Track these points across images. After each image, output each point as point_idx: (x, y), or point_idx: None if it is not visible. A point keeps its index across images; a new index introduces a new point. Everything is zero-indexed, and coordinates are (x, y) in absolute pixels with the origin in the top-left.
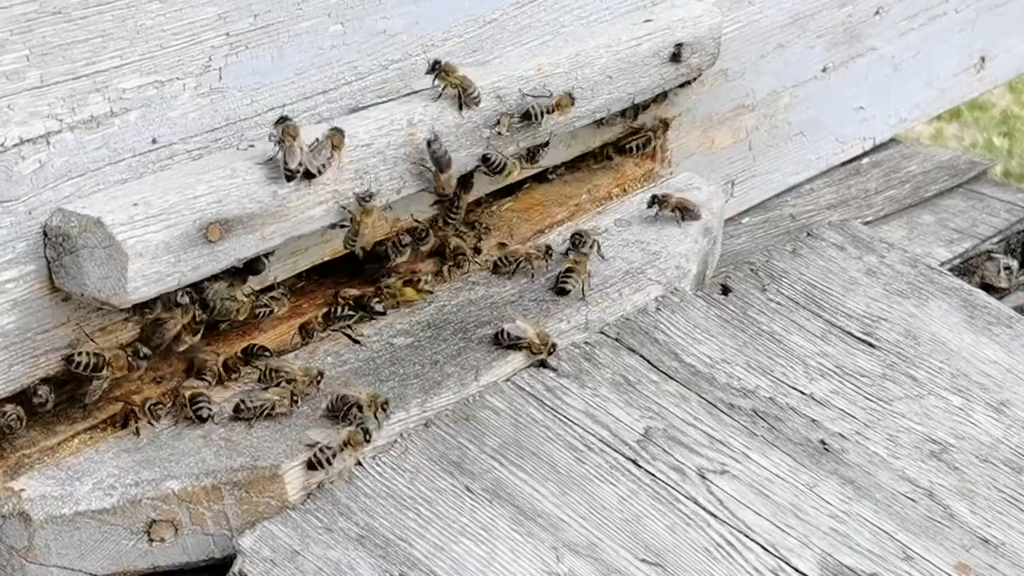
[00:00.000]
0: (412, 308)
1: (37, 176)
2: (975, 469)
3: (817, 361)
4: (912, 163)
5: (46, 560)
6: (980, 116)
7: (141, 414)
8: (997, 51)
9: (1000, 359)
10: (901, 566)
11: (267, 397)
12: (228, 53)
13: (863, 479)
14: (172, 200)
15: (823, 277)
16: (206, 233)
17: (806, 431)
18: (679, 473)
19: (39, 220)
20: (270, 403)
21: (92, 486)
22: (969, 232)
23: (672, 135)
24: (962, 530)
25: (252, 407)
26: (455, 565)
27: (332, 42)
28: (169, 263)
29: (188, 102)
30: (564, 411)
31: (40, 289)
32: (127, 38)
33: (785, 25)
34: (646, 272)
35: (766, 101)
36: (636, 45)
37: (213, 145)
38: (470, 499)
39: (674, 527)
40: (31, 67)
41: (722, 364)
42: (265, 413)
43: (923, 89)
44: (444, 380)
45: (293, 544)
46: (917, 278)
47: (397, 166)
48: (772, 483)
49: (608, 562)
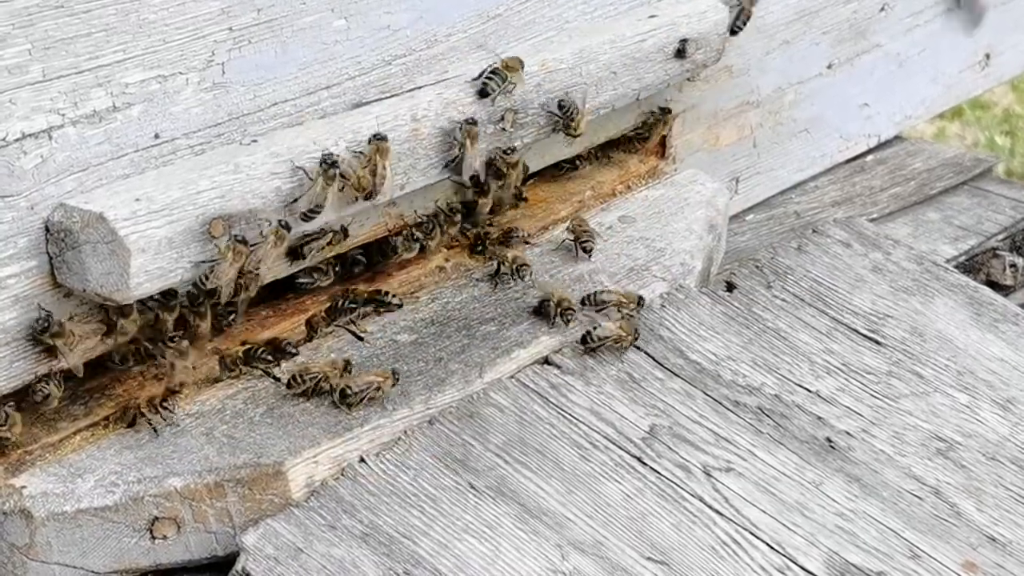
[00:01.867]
0: (416, 305)
1: (39, 171)
2: (982, 467)
3: (823, 358)
4: (917, 160)
5: (48, 558)
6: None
7: (148, 410)
8: (1002, 48)
9: (1007, 356)
10: (908, 564)
11: (318, 370)
12: (231, 48)
13: (869, 477)
14: (175, 195)
15: (829, 274)
16: (209, 228)
17: (812, 429)
18: (684, 471)
19: (41, 215)
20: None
21: (94, 483)
22: (974, 229)
23: (676, 131)
24: (969, 528)
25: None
26: (459, 563)
27: (336, 37)
28: (172, 259)
29: (191, 97)
30: (569, 408)
31: (42, 285)
32: (130, 32)
33: (790, 21)
34: (651, 269)
35: (771, 98)
36: (641, 41)
37: (216, 140)
38: (474, 497)
39: (680, 525)
40: (33, 61)
41: (727, 361)
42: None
43: (928, 86)
44: (448, 377)
45: (296, 542)
46: (923, 275)
47: (401, 161)
48: (778, 481)
49: (613, 560)
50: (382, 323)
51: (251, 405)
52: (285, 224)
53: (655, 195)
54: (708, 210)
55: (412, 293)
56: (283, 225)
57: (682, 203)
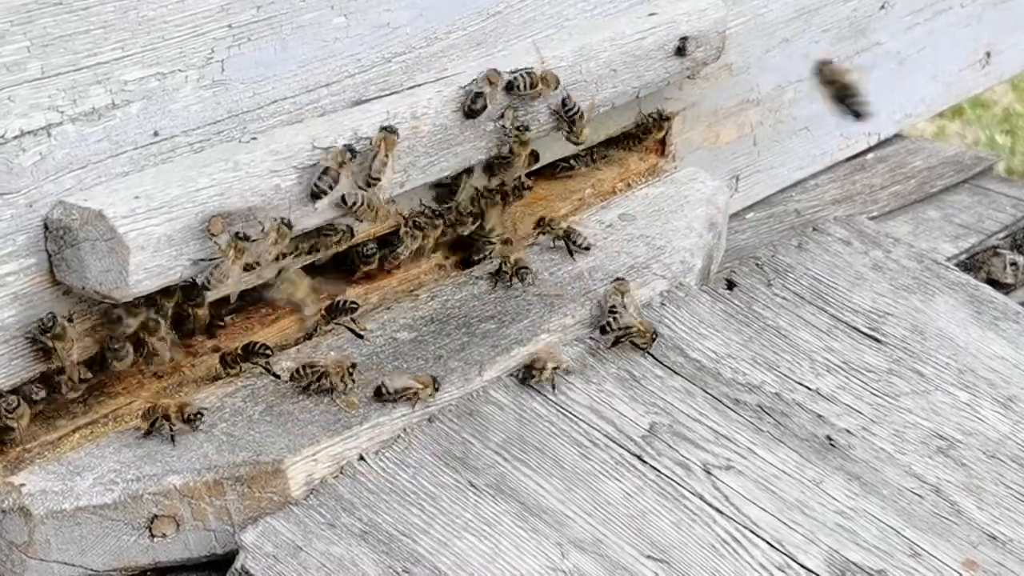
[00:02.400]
0: (416, 303)
1: (38, 168)
2: (982, 465)
3: (823, 356)
4: (917, 159)
5: (46, 556)
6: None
7: (176, 418)
8: (1003, 46)
9: (1007, 354)
10: (908, 563)
11: (323, 365)
12: (231, 45)
13: (870, 475)
14: (174, 193)
15: (829, 272)
16: (208, 226)
17: (812, 427)
18: (684, 469)
19: (40, 213)
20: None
21: (93, 481)
22: (975, 228)
23: (676, 129)
24: (969, 526)
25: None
26: (459, 561)
27: (335, 35)
28: (171, 256)
29: (190, 94)
30: (569, 406)
31: (41, 283)
32: (129, 29)
33: (790, 19)
34: (651, 267)
35: (771, 96)
36: (641, 39)
37: (215, 138)
38: (474, 495)
39: (680, 523)
40: (32, 58)
41: (727, 359)
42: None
43: (928, 84)
44: (448, 375)
45: (296, 540)
46: (923, 273)
47: (401, 159)
48: (778, 479)
49: (613, 558)
50: (382, 321)
51: (250, 403)
52: (287, 222)
53: (655, 193)
54: (708, 208)
55: (412, 291)
56: (284, 223)
57: (682, 201)
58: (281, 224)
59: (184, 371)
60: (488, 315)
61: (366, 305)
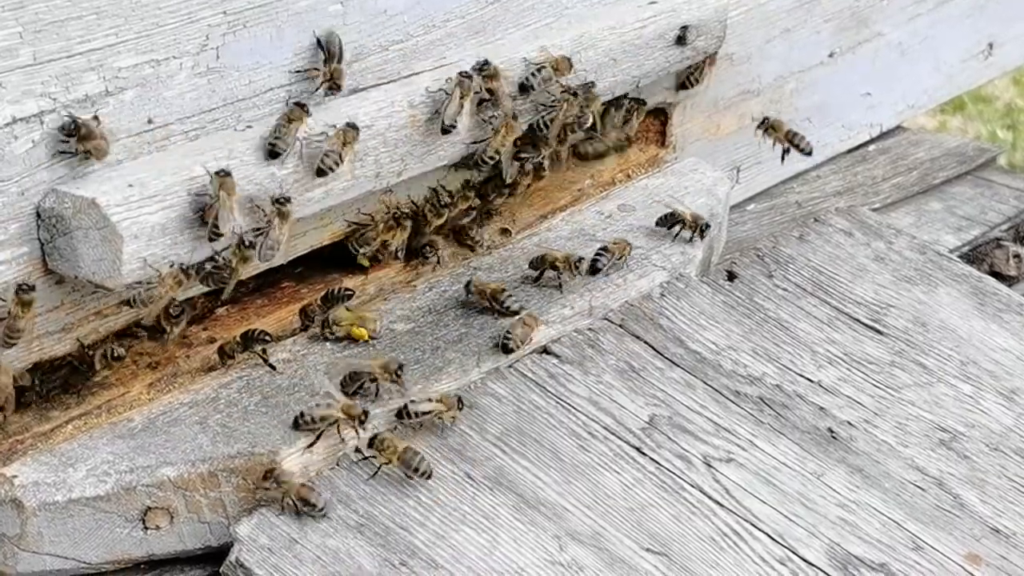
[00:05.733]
0: (413, 293)
1: (30, 156)
2: (985, 458)
3: (825, 348)
4: (919, 150)
5: (39, 548)
6: (984, 108)
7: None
8: (1005, 38)
9: (1010, 346)
10: (911, 556)
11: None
12: (226, 32)
13: (871, 468)
14: (168, 181)
15: (830, 263)
16: (202, 215)
17: (813, 419)
18: (684, 461)
19: (32, 201)
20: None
21: (86, 472)
22: (978, 219)
23: (677, 120)
24: (972, 520)
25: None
26: (456, 554)
27: (332, 22)
28: (165, 245)
29: (185, 82)
30: (567, 398)
31: (33, 272)
32: (122, 16)
33: (792, 9)
34: (651, 258)
35: (772, 86)
36: (641, 27)
37: (210, 126)
38: (471, 487)
39: (679, 516)
40: (24, 44)
41: (728, 351)
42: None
43: (930, 75)
44: (445, 366)
45: (291, 532)
46: (926, 264)
47: (398, 148)
48: (779, 471)
49: (612, 551)
50: (379, 311)
51: (245, 394)
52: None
53: (655, 184)
54: (709, 199)
55: (409, 282)
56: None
57: (682, 192)
58: (280, 203)
59: (178, 362)
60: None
61: (363, 296)
